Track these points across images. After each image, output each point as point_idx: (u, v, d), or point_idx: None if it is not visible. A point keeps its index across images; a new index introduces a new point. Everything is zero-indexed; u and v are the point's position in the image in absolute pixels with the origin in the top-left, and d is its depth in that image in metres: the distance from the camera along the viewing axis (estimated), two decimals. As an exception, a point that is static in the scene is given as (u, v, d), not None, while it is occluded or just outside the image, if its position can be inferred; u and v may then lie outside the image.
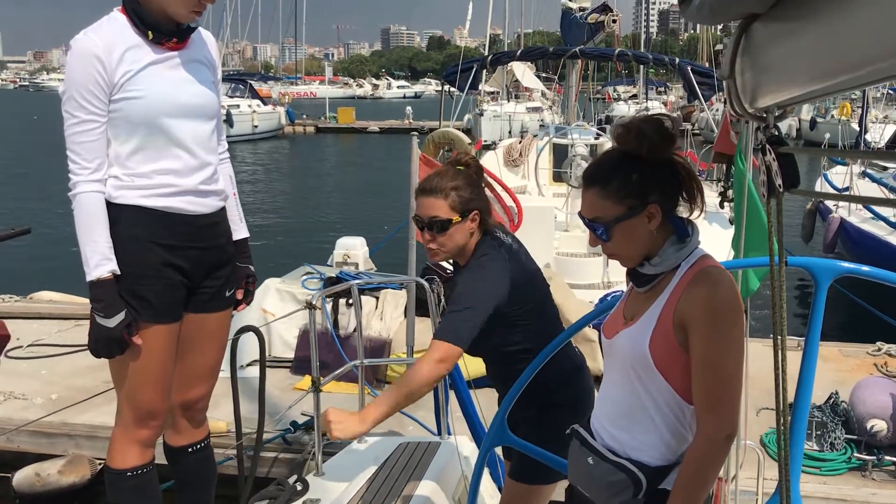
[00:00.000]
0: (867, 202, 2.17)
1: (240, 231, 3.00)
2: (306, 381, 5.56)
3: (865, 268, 2.25)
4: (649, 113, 1.98)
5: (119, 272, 2.52)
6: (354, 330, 5.82)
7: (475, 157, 2.80)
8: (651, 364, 1.83)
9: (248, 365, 5.63)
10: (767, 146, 1.25)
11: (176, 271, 2.65)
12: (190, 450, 3.01)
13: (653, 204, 1.83)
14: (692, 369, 1.79)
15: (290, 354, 6.07)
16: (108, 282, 2.50)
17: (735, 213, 4.39)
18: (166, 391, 2.75)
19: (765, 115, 1.25)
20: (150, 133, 2.56)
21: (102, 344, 2.53)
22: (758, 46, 1.14)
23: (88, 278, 2.50)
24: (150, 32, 2.54)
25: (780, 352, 1.52)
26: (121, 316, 2.51)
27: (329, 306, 5.99)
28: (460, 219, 2.56)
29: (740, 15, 1.17)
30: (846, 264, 2.24)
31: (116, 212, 2.55)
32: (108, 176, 2.55)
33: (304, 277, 6.54)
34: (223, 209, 2.84)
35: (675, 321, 1.81)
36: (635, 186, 1.83)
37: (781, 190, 1.24)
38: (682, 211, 1.91)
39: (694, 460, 1.78)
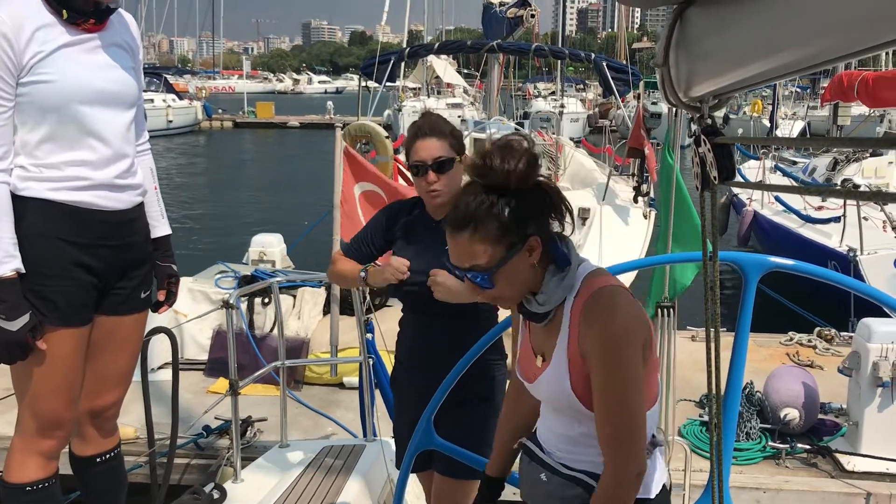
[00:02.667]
0: (789, 191, 2.24)
1: (161, 228, 2.84)
2: (221, 383, 5.38)
3: (791, 262, 2.25)
4: (509, 135, 1.82)
5: (24, 271, 2.34)
6: (271, 330, 5.69)
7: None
8: (579, 404, 1.72)
9: (160, 368, 5.43)
10: (703, 137, 1.20)
11: (86, 271, 2.48)
12: (98, 459, 2.83)
13: (532, 236, 1.68)
14: (594, 404, 1.68)
15: (204, 356, 5.87)
16: (12, 280, 2.32)
17: (662, 208, 4.40)
18: (72, 400, 2.57)
19: (699, 105, 1.21)
20: (62, 121, 2.37)
21: (2, 348, 2.35)
22: (693, 32, 1.11)
23: None
24: (64, 11, 2.35)
25: (713, 348, 1.48)
26: (25, 318, 2.33)
27: (244, 306, 5.81)
28: (459, 158, 2.60)
29: None
30: (774, 259, 2.24)
31: (22, 205, 2.36)
32: (13, 166, 2.36)
33: (218, 276, 6.33)
34: (140, 205, 2.67)
35: (581, 355, 1.70)
36: (510, 222, 1.65)
37: (717, 182, 1.19)
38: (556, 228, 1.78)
39: (605, 499, 1.67)
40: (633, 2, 1.22)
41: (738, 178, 13.37)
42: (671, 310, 4.16)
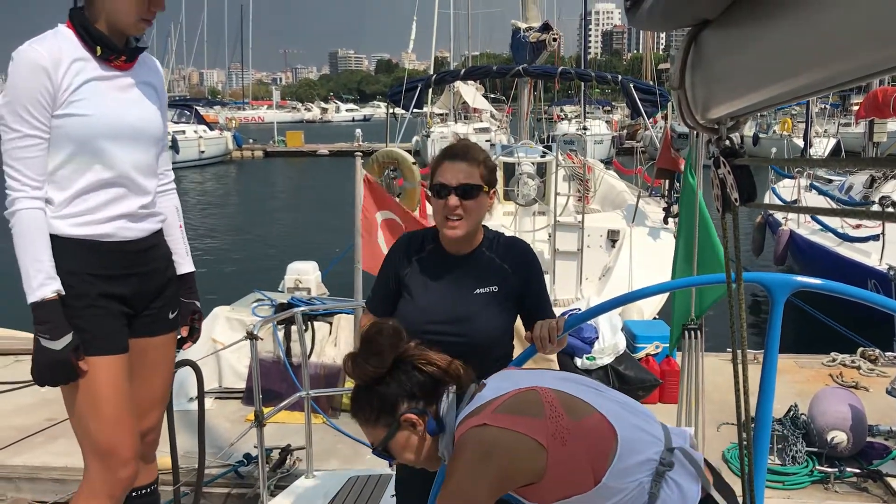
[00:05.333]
0: (819, 213, 2.16)
1: (185, 265, 2.87)
2: (259, 411, 5.38)
3: (818, 281, 2.20)
4: (370, 327, 2.00)
5: (64, 293, 2.38)
6: (309, 357, 5.69)
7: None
8: None
9: (195, 398, 5.44)
10: (721, 158, 1.18)
11: (116, 301, 2.52)
12: (134, 494, 2.76)
13: (404, 414, 1.87)
14: None
15: (242, 384, 5.89)
16: (53, 302, 2.35)
17: (683, 230, 4.35)
18: (129, 430, 2.55)
19: (717, 127, 1.19)
20: (89, 154, 2.42)
21: (47, 368, 2.37)
22: (709, 55, 1.10)
23: (31, 299, 2.35)
24: (98, 48, 2.42)
25: (740, 371, 1.46)
26: (68, 338, 2.36)
27: (281, 333, 5.83)
28: (487, 190, 2.42)
29: (691, 20, 1.12)
30: (801, 278, 2.19)
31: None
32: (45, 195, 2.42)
33: (255, 304, 6.36)
34: (160, 231, 2.70)
35: None
36: (380, 409, 1.88)
37: (738, 204, 1.17)
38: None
39: None
40: (648, 26, 1.21)
41: (771, 199, 13.26)
42: (698, 332, 4.10)
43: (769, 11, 0.86)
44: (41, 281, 2.34)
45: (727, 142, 1.20)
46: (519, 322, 2.53)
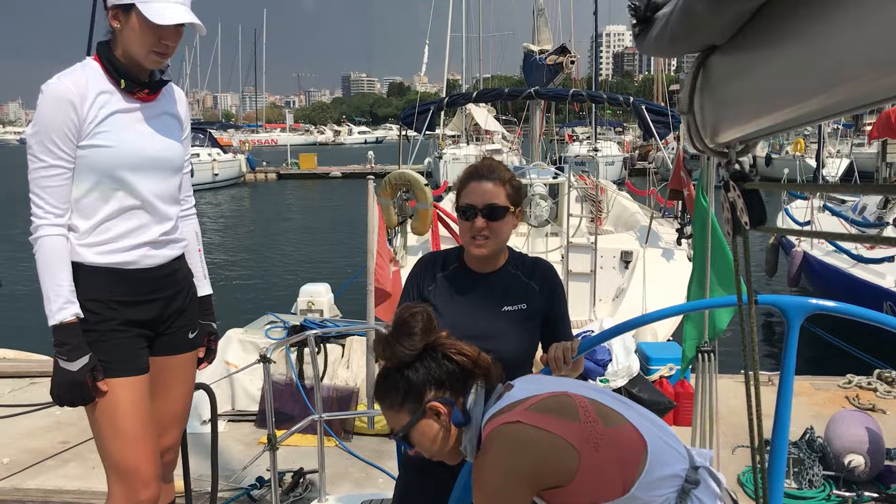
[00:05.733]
0: (831, 238, 2.14)
1: (203, 288, 2.96)
2: (272, 434, 5.38)
3: (834, 303, 2.19)
4: (402, 309, 2.00)
5: (83, 316, 2.47)
6: (321, 379, 5.68)
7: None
8: None
9: (207, 421, 5.44)
10: (731, 182, 1.18)
11: (137, 325, 2.61)
12: None
13: (430, 402, 1.87)
14: None
15: (255, 407, 5.88)
16: (72, 325, 2.45)
17: (696, 251, 4.35)
18: (150, 452, 2.61)
19: (726, 151, 1.19)
20: (112, 183, 2.52)
21: (65, 389, 2.46)
22: (717, 80, 1.11)
23: (51, 322, 2.44)
24: (122, 81, 2.53)
25: (753, 394, 1.45)
26: (84, 360, 2.45)
27: (294, 355, 5.83)
28: (513, 209, 2.45)
29: (700, 46, 1.13)
30: (816, 301, 2.18)
31: (74, 271, 2.50)
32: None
33: (268, 327, 6.38)
34: (181, 256, 2.79)
35: None
36: (406, 393, 1.88)
37: (748, 228, 1.17)
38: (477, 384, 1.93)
39: None
40: (657, 52, 1.22)
41: (784, 219, 13.20)
42: (712, 354, 4.08)
43: (776, 38, 0.86)
44: (60, 305, 2.43)
45: (736, 165, 1.21)
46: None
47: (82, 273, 2.50)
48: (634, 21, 1.42)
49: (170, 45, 2.51)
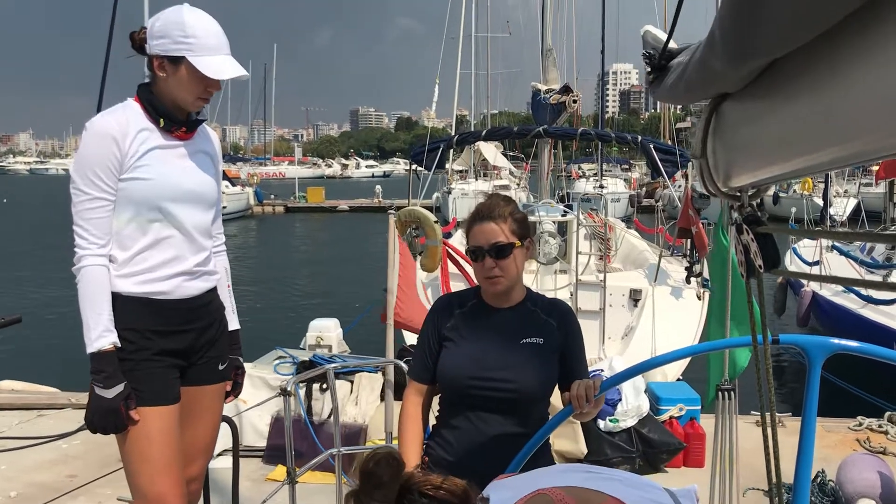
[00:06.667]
0: (843, 283, 2.16)
1: (232, 322, 3.06)
2: (280, 471, 5.36)
3: (856, 343, 2.20)
4: (369, 454, 1.87)
5: (120, 345, 2.55)
6: (329, 416, 5.66)
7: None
8: None
9: (219, 455, 5.42)
10: (744, 226, 1.20)
11: (171, 355, 2.69)
12: None
13: None
14: None
15: (262, 443, 5.87)
16: (110, 353, 2.53)
17: (717, 290, 4.35)
18: (177, 481, 2.67)
19: (738, 195, 1.21)
20: (150, 214, 2.62)
21: (99, 416, 2.53)
22: (729, 126, 1.12)
23: (89, 350, 2.52)
24: (161, 119, 2.65)
25: (770, 434, 1.45)
26: (119, 388, 2.52)
27: (302, 392, 5.82)
28: (520, 244, 2.49)
29: (715, 94, 1.14)
30: (839, 341, 2.18)
31: (112, 302, 2.58)
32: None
33: (277, 362, 6.37)
34: (214, 289, 2.89)
35: None
36: None
37: (762, 271, 1.18)
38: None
39: None
40: (671, 99, 1.25)
41: (792, 258, 13.17)
42: (732, 392, 4.06)
43: (791, 89, 0.87)
44: (100, 333, 2.52)
45: (749, 209, 1.23)
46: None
47: (119, 303, 2.58)
48: (649, 69, 1.45)
49: (214, 91, 2.68)
